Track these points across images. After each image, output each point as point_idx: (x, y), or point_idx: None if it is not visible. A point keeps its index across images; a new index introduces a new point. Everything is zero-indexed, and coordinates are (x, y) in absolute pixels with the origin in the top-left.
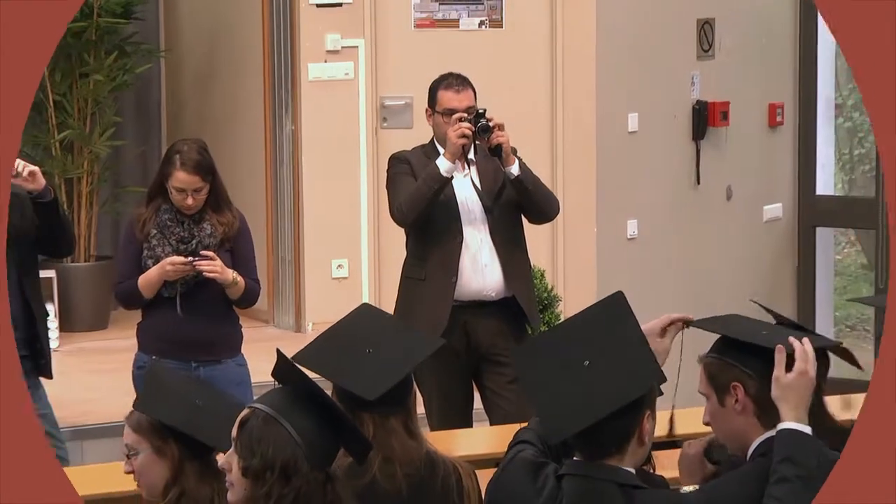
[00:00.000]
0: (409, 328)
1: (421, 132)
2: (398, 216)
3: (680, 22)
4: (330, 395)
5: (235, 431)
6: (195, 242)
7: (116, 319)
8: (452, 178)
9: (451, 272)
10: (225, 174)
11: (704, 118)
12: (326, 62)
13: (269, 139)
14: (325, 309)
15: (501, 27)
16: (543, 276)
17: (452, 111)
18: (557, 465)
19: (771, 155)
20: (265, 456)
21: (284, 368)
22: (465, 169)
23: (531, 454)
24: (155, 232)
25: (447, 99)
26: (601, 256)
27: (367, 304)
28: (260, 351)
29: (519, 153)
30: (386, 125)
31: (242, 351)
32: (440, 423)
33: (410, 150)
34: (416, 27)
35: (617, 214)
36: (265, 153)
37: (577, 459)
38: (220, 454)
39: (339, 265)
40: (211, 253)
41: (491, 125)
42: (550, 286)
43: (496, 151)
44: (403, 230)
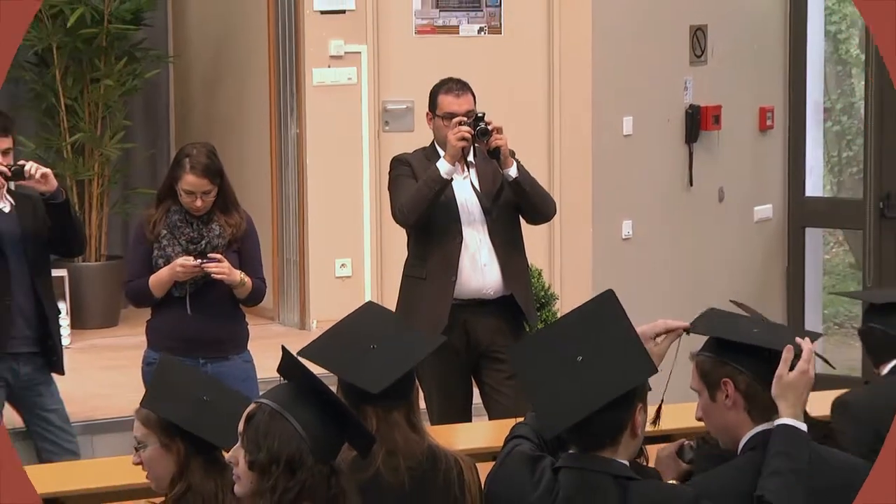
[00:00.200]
0: (412, 327)
1: (422, 135)
2: (400, 217)
3: (673, 28)
4: (334, 390)
5: (242, 426)
6: (204, 243)
7: (126, 317)
8: (452, 179)
9: (451, 271)
10: (232, 176)
11: (697, 122)
12: (330, 67)
13: (274, 142)
14: (328, 307)
15: (500, 33)
16: (541, 275)
17: (452, 115)
18: (553, 458)
19: (762, 157)
20: (271, 450)
21: (289, 365)
22: (464, 171)
23: (528, 448)
24: (165, 232)
25: (447, 103)
26: (597, 256)
27: (371, 302)
28: (266, 347)
29: (517, 155)
30: (388, 128)
31: (249, 348)
32: (441, 417)
33: (411, 152)
34: (417, 33)
35: (612, 215)
36: (271, 156)
37: (572, 452)
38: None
39: (342, 264)
40: (219, 255)
41: (490, 128)
42: (547, 285)
43: (495, 154)
44: (405, 230)
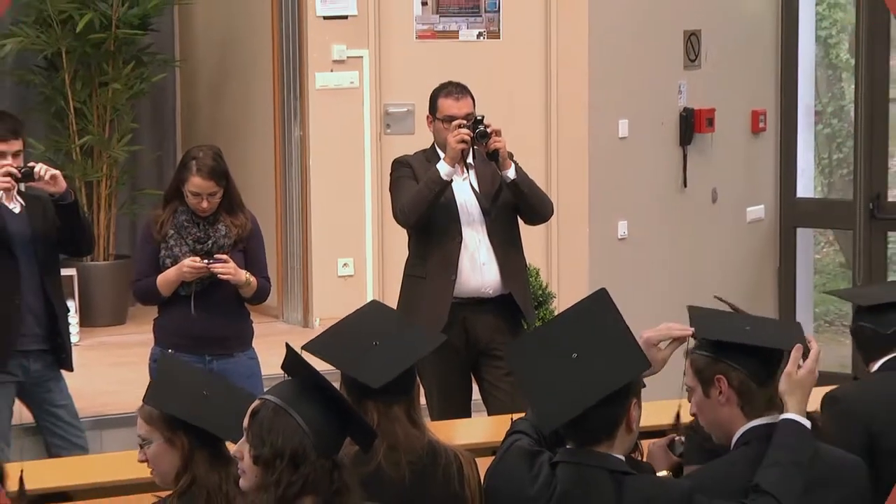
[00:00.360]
0: (413, 325)
1: (422, 138)
2: (401, 217)
3: (668, 33)
4: (337, 387)
5: (247, 422)
6: (211, 243)
7: (134, 315)
8: (452, 181)
9: (450, 271)
10: (237, 178)
11: (691, 124)
12: (333, 71)
13: (278, 144)
14: (331, 305)
15: (499, 38)
16: (538, 274)
17: (452, 118)
18: (552, 453)
19: (754, 159)
20: (275, 445)
21: (293, 361)
22: (464, 173)
23: (527, 443)
24: (172, 232)
25: (447, 106)
26: (593, 256)
27: (375, 300)
28: (270, 345)
29: (515, 157)
30: (389, 131)
31: (253, 345)
32: (441, 413)
33: (412, 154)
34: (417, 38)
35: (608, 216)
36: (275, 158)
37: (569, 447)
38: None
39: (344, 264)
40: (225, 256)
41: (489, 131)
42: (545, 284)
43: (493, 156)
44: (406, 230)
